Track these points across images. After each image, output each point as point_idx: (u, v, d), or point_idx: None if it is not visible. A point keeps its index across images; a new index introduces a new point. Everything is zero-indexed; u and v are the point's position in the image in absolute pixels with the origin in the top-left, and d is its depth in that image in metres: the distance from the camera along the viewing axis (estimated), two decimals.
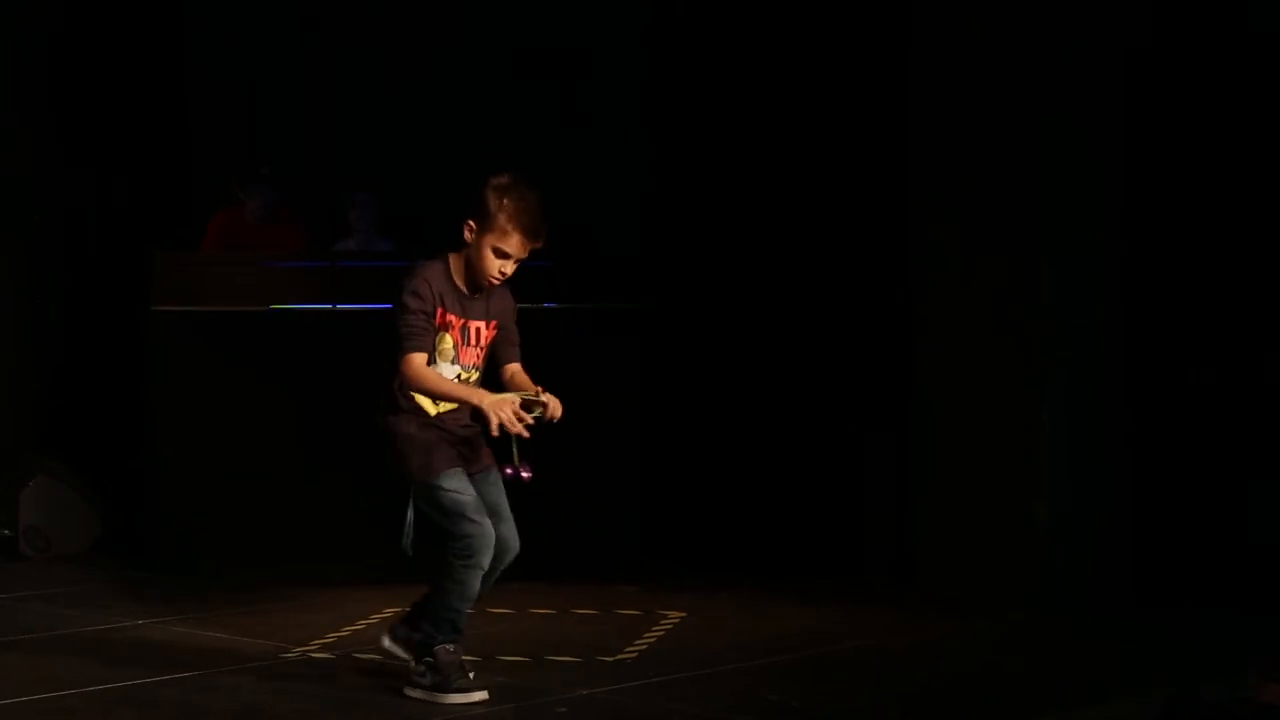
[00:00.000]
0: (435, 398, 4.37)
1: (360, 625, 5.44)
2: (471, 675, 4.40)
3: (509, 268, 4.35)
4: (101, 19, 7.56)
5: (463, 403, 4.35)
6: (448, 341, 4.36)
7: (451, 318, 4.35)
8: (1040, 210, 5.71)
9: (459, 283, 4.38)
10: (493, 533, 4.33)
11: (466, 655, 4.44)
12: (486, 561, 4.32)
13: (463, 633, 4.42)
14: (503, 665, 4.84)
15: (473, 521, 4.30)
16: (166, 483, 6.48)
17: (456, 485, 4.33)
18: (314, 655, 4.99)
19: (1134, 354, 5.76)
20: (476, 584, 4.35)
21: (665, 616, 5.57)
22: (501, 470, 4.41)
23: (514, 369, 4.50)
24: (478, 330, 4.41)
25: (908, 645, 5.16)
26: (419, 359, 4.30)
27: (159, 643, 5.27)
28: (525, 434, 4.23)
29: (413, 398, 4.37)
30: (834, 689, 4.63)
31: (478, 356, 4.42)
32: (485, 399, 4.28)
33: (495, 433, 4.25)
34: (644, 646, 5.14)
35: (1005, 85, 5.71)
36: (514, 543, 4.44)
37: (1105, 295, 5.76)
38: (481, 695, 4.37)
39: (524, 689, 4.57)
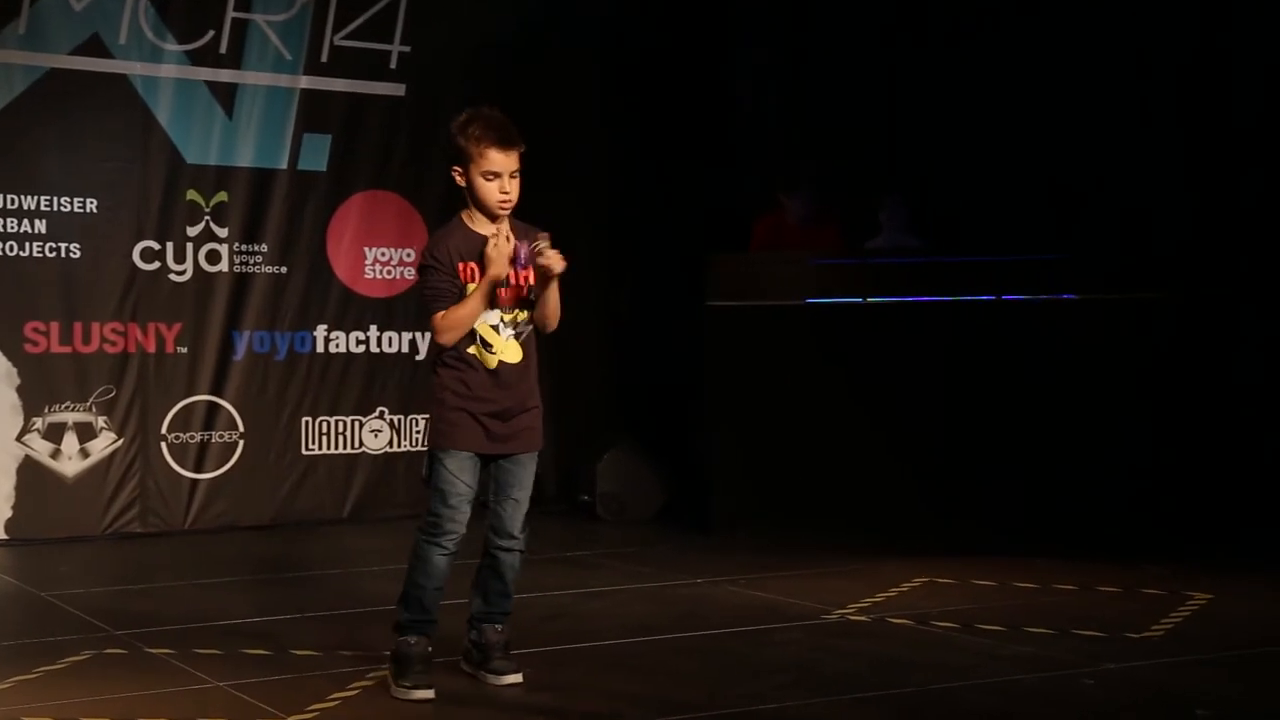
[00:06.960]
0: (469, 328, 4.04)
1: (892, 592, 5.48)
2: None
3: (508, 185, 4.02)
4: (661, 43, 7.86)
5: (485, 295, 4.02)
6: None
7: (476, 266, 4.04)
8: None
9: (478, 229, 4.08)
10: (464, 524, 4.05)
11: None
12: (449, 544, 4.05)
13: (434, 618, 4.10)
14: (1027, 636, 4.76)
15: (449, 508, 4.05)
16: (721, 458, 6.76)
17: (456, 468, 4.06)
18: (852, 618, 5.06)
19: None
20: (438, 563, 4.06)
21: (1191, 597, 5.30)
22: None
23: None
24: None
25: None
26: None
27: (716, 599, 5.43)
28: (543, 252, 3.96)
29: (456, 362, 4.07)
30: None
31: (520, 292, 4.08)
32: (489, 267, 4.00)
33: (496, 253, 3.98)
34: (1170, 625, 4.91)
35: None
36: (508, 523, 4.10)
37: None
38: (426, 694, 4.04)
39: (1049, 659, 4.46)
